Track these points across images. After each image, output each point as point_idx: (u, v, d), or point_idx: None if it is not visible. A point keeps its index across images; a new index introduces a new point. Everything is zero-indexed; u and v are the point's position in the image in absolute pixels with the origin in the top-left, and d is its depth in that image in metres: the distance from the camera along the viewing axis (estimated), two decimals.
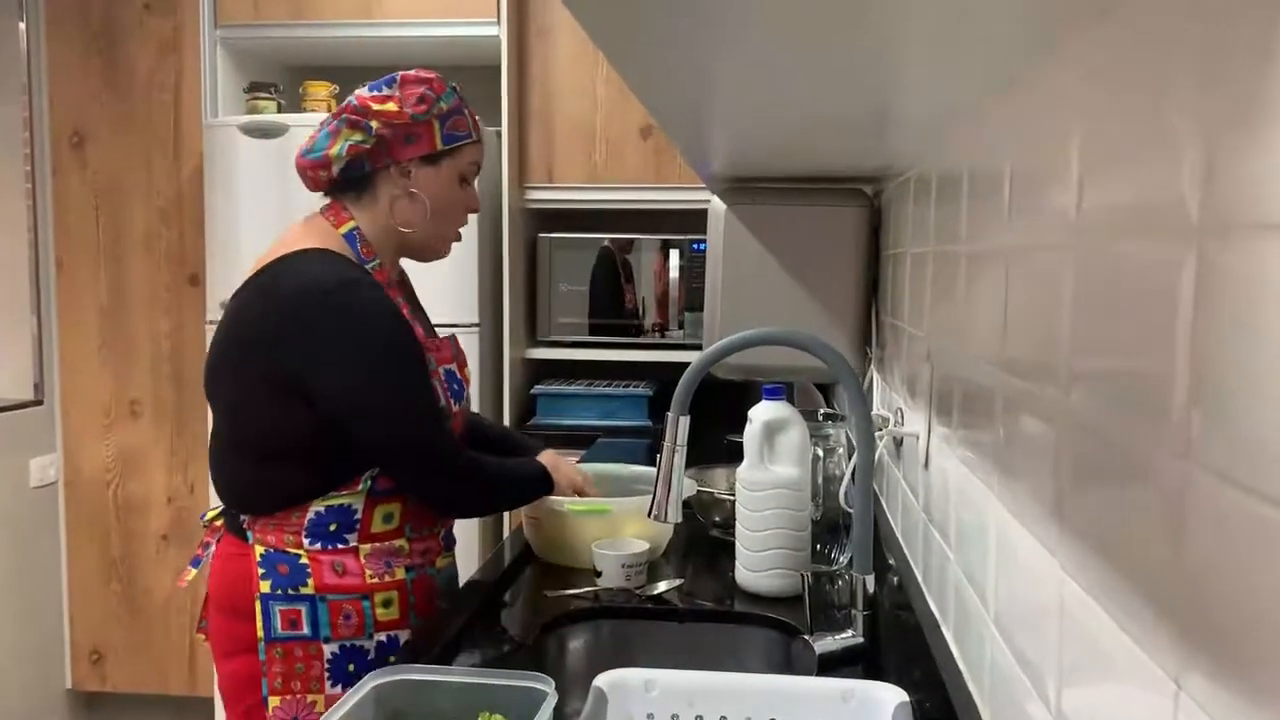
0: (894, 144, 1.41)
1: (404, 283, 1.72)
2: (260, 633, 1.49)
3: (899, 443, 1.57)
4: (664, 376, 3.27)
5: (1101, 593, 0.64)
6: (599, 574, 1.64)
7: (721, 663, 1.49)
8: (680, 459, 1.30)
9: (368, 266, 1.54)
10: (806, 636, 1.24)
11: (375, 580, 1.53)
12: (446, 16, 2.97)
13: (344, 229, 1.56)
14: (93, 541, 3.23)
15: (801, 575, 1.57)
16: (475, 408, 2.89)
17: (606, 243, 3.15)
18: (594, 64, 3.06)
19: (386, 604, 1.53)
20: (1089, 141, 0.69)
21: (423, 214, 1.58)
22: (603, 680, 1.04)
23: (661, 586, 1.62)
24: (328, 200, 1.61)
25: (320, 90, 3.00)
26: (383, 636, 1.53)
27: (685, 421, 1.31)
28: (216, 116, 3.07)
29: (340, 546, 1.52)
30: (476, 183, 1.67)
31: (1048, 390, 0.76)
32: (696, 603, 1.59)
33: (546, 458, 1.75)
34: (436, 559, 1.63)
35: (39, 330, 3.17)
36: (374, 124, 1.52)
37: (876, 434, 1.59)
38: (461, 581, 1.70)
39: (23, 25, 3.08)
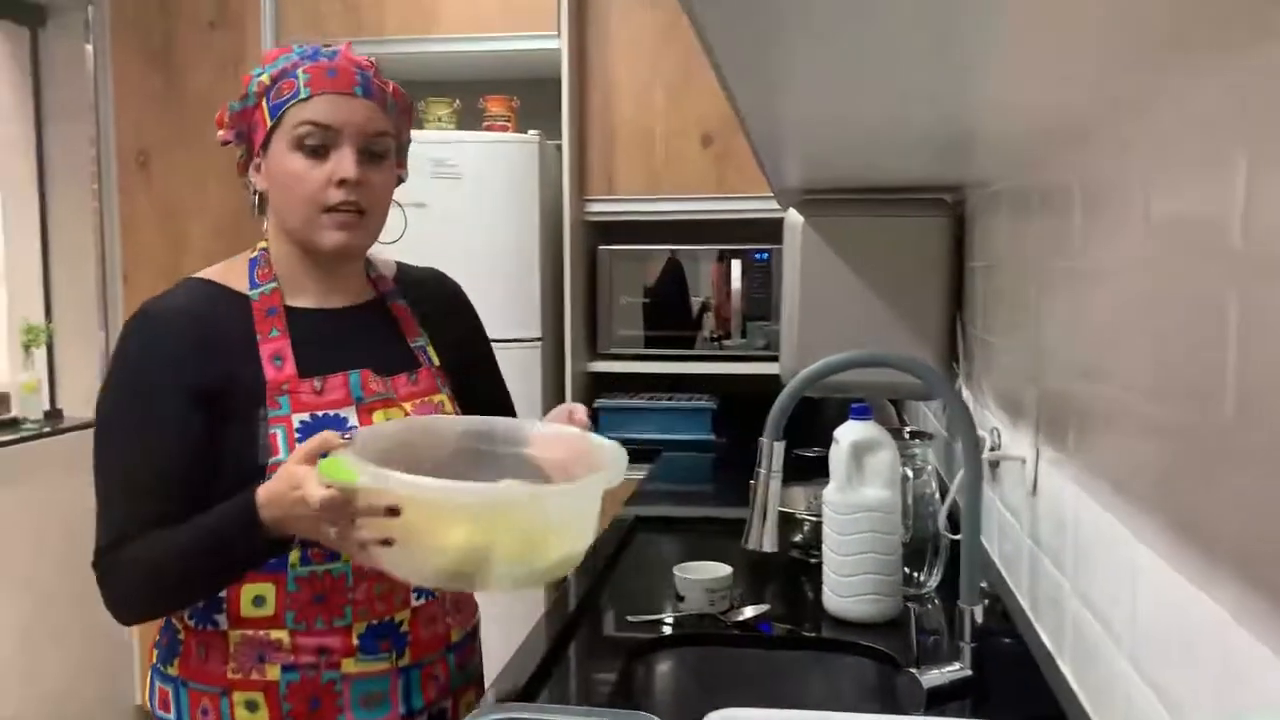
0: (983, 160, 1.36)
1: (348, 311, 1.38)
2: (147, 704, 1.35)
3: (995, 465, 1.52)
4: (726, 389, 3.23)
5: (1263, 629, 0.60)
6: (681, 599, 1.60)
7: (818, 691, 1.45)
8: (776, 485, 1.26)
9: (253, 293, 1.32)
10: (913, 670, 1.19)
11: (238, 676, 1.25)
12: (506, 30, 2.96)
13: (255, 252, 1.36)
14: None
15: (899, 603, 1.53)
16: None
17: (667, 254, 3.12)
18: (653, 74, 3.03)
19: (250, 707, 1.25)
20: (1254, 164, 0.64)
21: (275, 207, 1.32)
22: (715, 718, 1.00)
23: (749, 612, 1.58)
24: None
25: None
26: None
27: (780, 447, 1.27)
28: None
29: (209, 627, 1.26)
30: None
31: (1207, 422, 0.72)
32: (785, 629, 1.54)
33: (267, 491, 1.16)
34: (342, 661, 1.26)
35: (107, 347, 3.19)
36: (219, 134, 1.36)
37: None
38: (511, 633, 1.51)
39: (89, 47, 3.11)
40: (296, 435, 1.24)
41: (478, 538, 1.04)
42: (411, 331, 1.42)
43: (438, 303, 1.49)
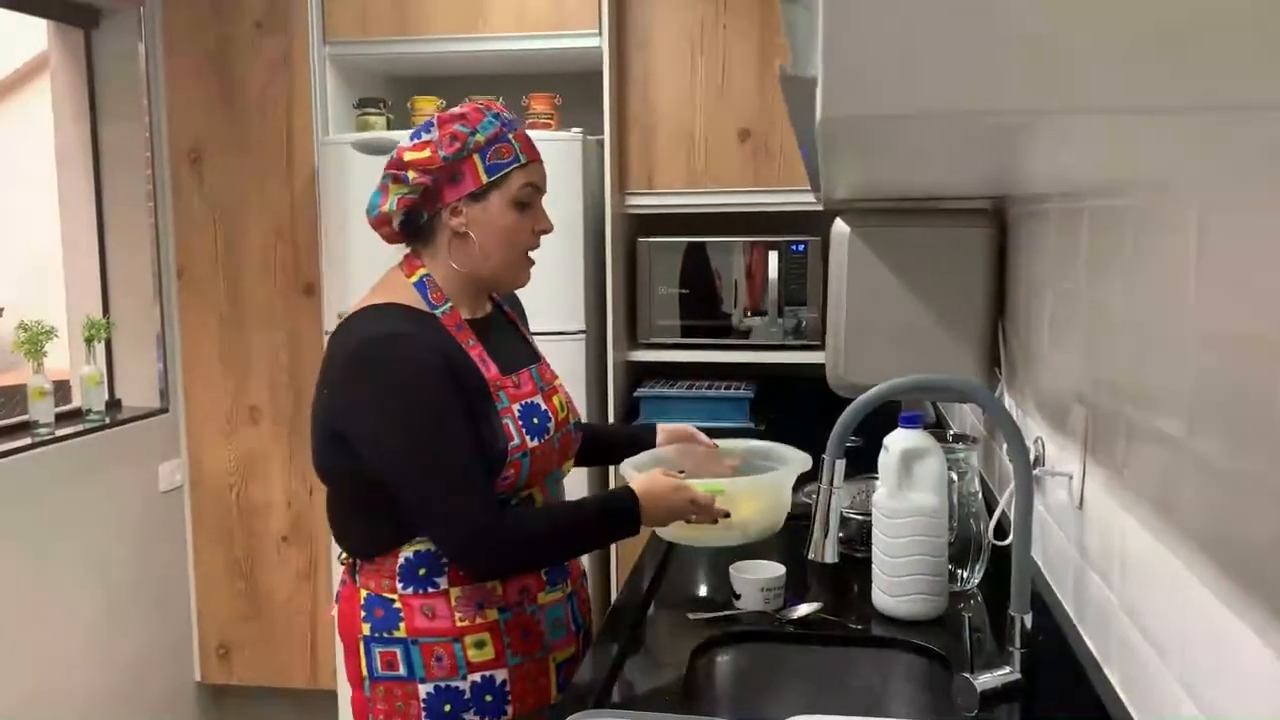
0: (1037, 186, 1.43)
1: (490, 319, 1.68)
2: (364, 671, 1.58)
3: (1038, 479, 1.59)
4: (763, 375, 3.31)
5: None
6: (738, 596, 1.69)
7: (871, 686, 1.54)
8: (838, 500, 1.35)
9: (438, 312, 1.56)
10: (967, 675, 1.28)
11: (465, 623, 1.55)
12: (550, 29, 3.02)
13: (415, 278, 1.59)
14: (217, 543, 3.38)
15: (945, 602, 1.62)
16: (580, 412, 2.96)
17: (706, 246, 3.19)
18: (691, 71, 3.09)
19: (479, 645, 1.55)
20: None
21: (477, 251, 1.58)
22: None
23: (802, 610, 1.67)
24: (407, 250, 1.65)
25: (428, 105, 3.08)
26: (476, 677, 1.55)
27: (841, 465, 1.35)
28: (327, 133, 3.16)
29: (430, 590, 1.55)
30: (548, 200, 1.63)
31: (1233, 450, 0.79)
32: (838, 626, 1.63)
33: (645, 483, 1.61)
34: (538, 595, 1.62)
35: (163, 340, 3.30)
36: (410, 174, 1.54)
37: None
38: (602, 602, 1.76)
39: (141, 46, 3.19)
40: (521, 423, 1.56)
41: (752, 508, 1.74)
42: (524, 331, 1.77)
43: (519, 311, 1.82)
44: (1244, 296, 0.80)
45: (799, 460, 1.82)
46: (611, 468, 2.76)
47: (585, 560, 1.83)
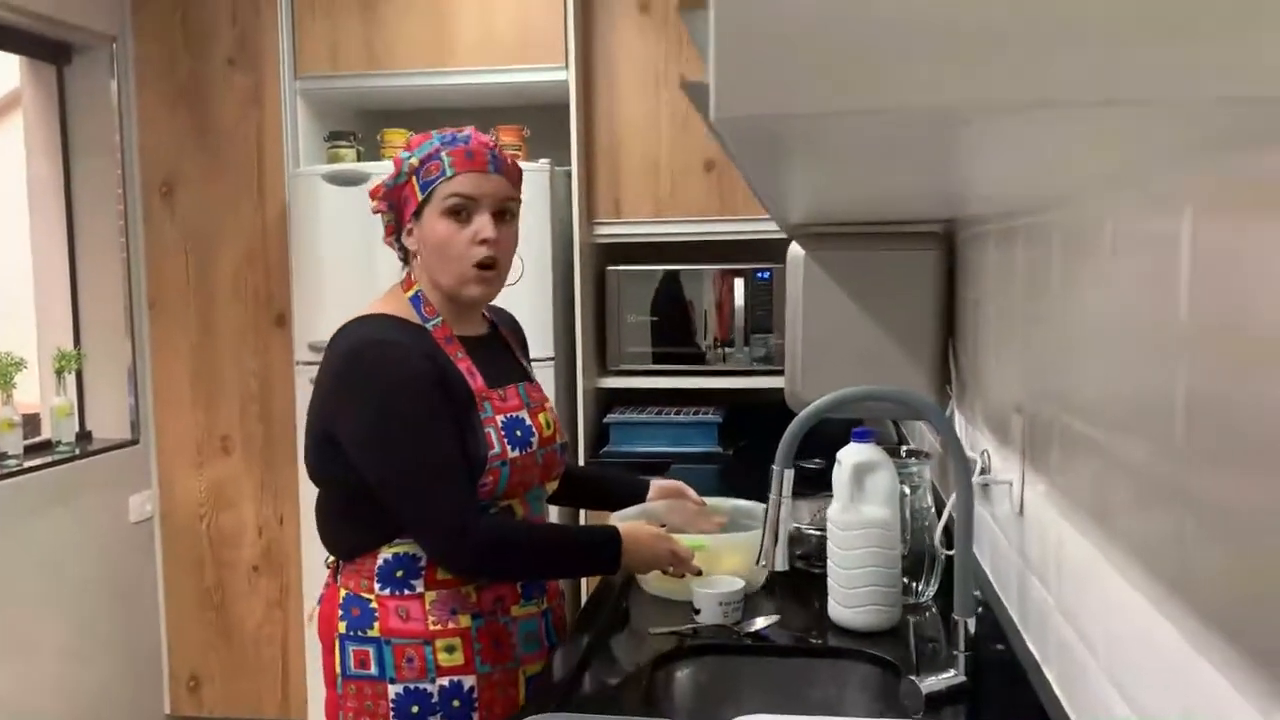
0: (973, 206, 1.49)
1: (484, 338, 1.74)
2: (337, 669, 1.63)
3: (986, 485, 1.64)
4: (731, 402, 3.36)
5: (1207, 644, 0.72)
6: (698, 611, 1.73)
7: (826, 696, 1.57)
8: (786, 510, 1.39)
9: (429, 325, 1.65)
10: (913, 678, 1.32)
11: (438, 627, 1.60)
12: (517, 63, 3.09)
13: (410, 293, 1.68)
14: (188, 573, 3.38)
15: (898, 613, 1.66)
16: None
17: (673, 274, 3.25)
18: (656, 102, 3.16)
19: (450, 650, 1.60)
20: (1198, 240, 0.76)
21: (427, 265, 1.65)
22: None
23: (759, 623, 1.70)
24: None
25: (397, 138, 3.13)
26: (445, 681, 1.59)
27: (790, 474, 1.39)
28: (298, 165, 3.21)
29: (406, 592, 1.60)
30: (486, 214, 1.62)
31: (1153, 450, 0.84)
32: (794, 638, 1.67)
33: (630, 528, 1.69)
34: (512, 607, 1.66)
35: (134, 372, 3.32)
36: (372, 206, 1.70)
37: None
38: (570, 619, 1.80)
39: (114, 83, 3.23)
40: (503, 433, 1.62)
41: (734, 563, 1.82)
42: (519, 353, 1.83)
43: (520, 336, 1.90)
44: (1157, 303, 0.85)
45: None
46: (583, 511, 2.80)
47: (562, 580, 1.87)
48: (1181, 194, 0.79)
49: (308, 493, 1.70)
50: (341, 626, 1.63)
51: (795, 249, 2.01)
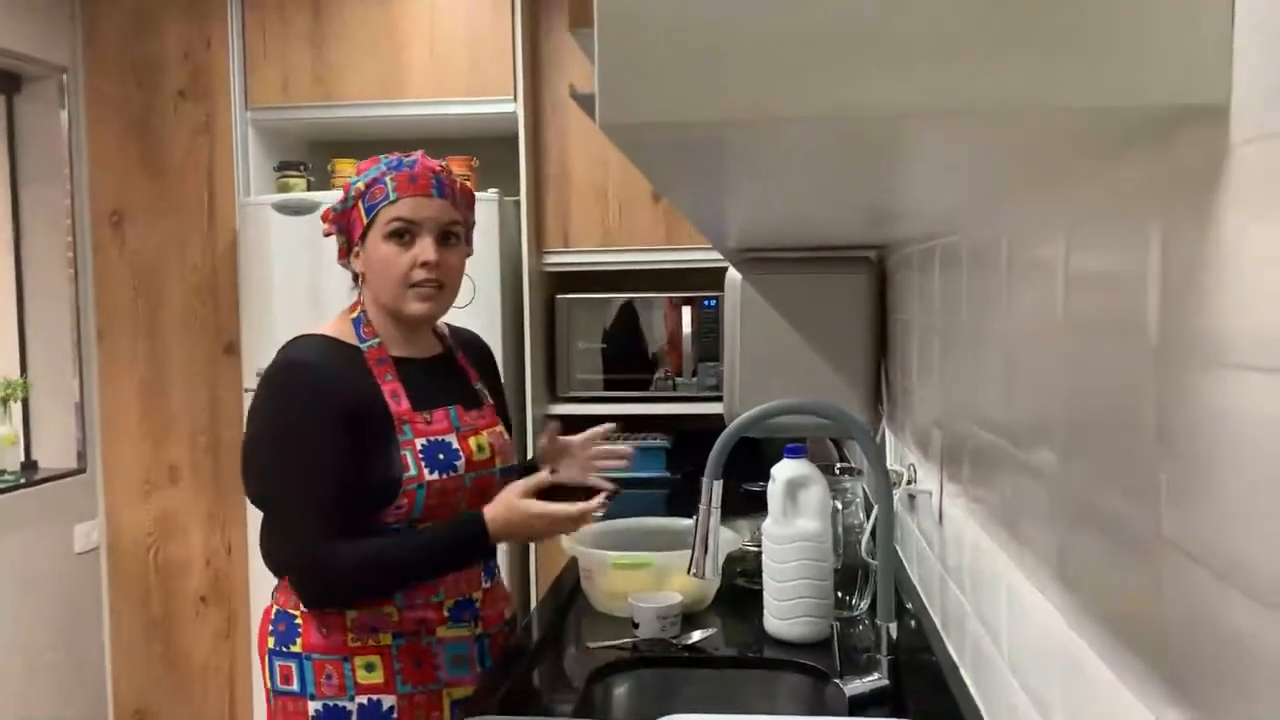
0: (900, 228, 1.55)
1: (429, 361, 1.75)
2: (267, 683, 1.66)
3: (912, 497, 1.70)
4: (679, 428, 3.40)
5: (1097, 641, 0.77)
6: (636, 625, 1.76)
7: (758, 706, 1.61)
8: (715, 520, 1.43)
9: (364, 346, 1.68)
10: (837, 681, 1.36)
11: (357, 644, 1.61)
12: (466, 95, 3.14)
13: (355, 314, 1.72)
14: (134, 604, 3.35)
15: (831, 624, 1.70)
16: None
17: (622, 301, 3.30)
18: (604, 135, 3.22)
19: (369, 668, 1.61)
20: (1073, 253, 0.82)
21: (371, 286, 1.69)
22: None
23: (696, 636, 1.74)
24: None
25: (347, 167, 3.16)
26: (364, 699, 1.61)
27: (719, 485, 1.44)
28: (249, 195, 3.23)
29: (330, 610, 1.62)
30: (429, 237, 1.65)
31: (1046, 461, 0.90)
32: (730, 650, 1.71)
33: (496, 505, 1.64)
34: (437, 629, 1.66)
35: (81, 401, 3.31)
36: (324, 227, 1.75)
37: (894, 490, 1.72)
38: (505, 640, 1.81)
39: (64, 113, 3.25)
40: (421, 457, 1.62)
41: (682, 580, 1.81)
42: (473, 377, 1.83)
43: (483, 358, 1.91)
44: (1046, 318, 0.91)
45: (729, 539, 1.89)
46: None
47: (514, 606, 1.87)
48: (1057, 209, 0.85)
49: (256, 522, 1.71)
50: (270, 641, 1.65)
51: (733, 274, 2.07)
